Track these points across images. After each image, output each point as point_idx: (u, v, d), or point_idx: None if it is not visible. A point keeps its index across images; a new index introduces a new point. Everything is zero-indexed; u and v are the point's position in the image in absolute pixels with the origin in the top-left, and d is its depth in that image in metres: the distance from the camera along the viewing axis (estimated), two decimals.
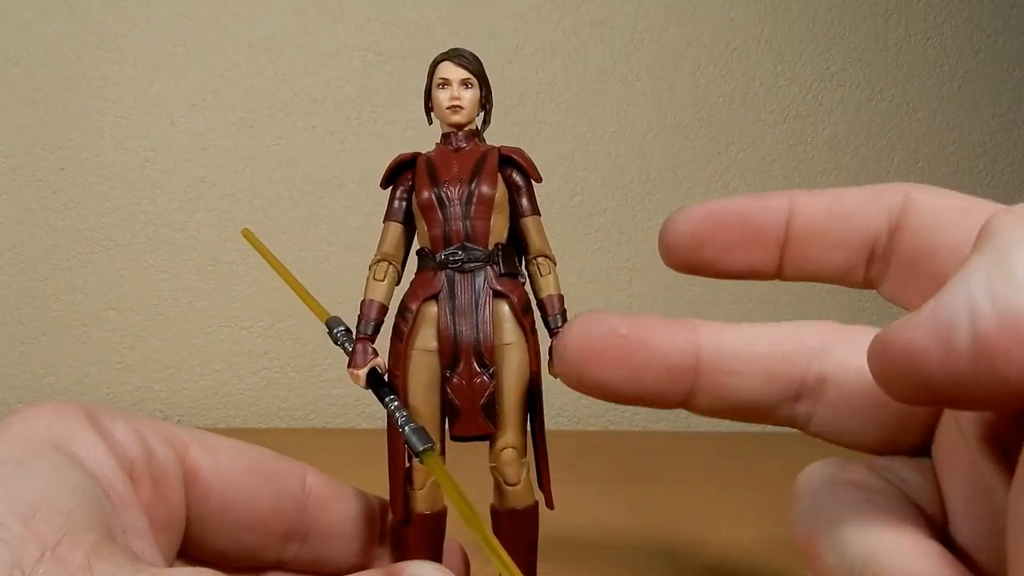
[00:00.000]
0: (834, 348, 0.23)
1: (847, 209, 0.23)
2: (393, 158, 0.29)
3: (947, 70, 0.78)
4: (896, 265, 0.23)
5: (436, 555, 0.27)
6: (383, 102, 0.70)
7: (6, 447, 0.21)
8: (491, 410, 0.26)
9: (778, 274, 0.25)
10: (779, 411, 0.24)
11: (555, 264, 0.28)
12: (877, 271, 0.23)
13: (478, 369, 0.26)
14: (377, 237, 0.29)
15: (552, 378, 0.27)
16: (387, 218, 0.28)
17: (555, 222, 0.73)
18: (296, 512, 0.27)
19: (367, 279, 0.28)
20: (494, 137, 0.30)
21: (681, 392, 0.23)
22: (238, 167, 0.69)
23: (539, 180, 0.28)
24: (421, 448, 0.24)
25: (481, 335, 0.26)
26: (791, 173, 0.76)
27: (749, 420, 0.24)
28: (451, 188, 0.27)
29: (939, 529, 0.21)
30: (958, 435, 0.21)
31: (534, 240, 0.28)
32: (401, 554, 0.28)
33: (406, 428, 0.25)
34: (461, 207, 0.27)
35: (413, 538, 0.27)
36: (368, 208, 0.70)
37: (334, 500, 0.28)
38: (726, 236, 0.24)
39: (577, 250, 0.73)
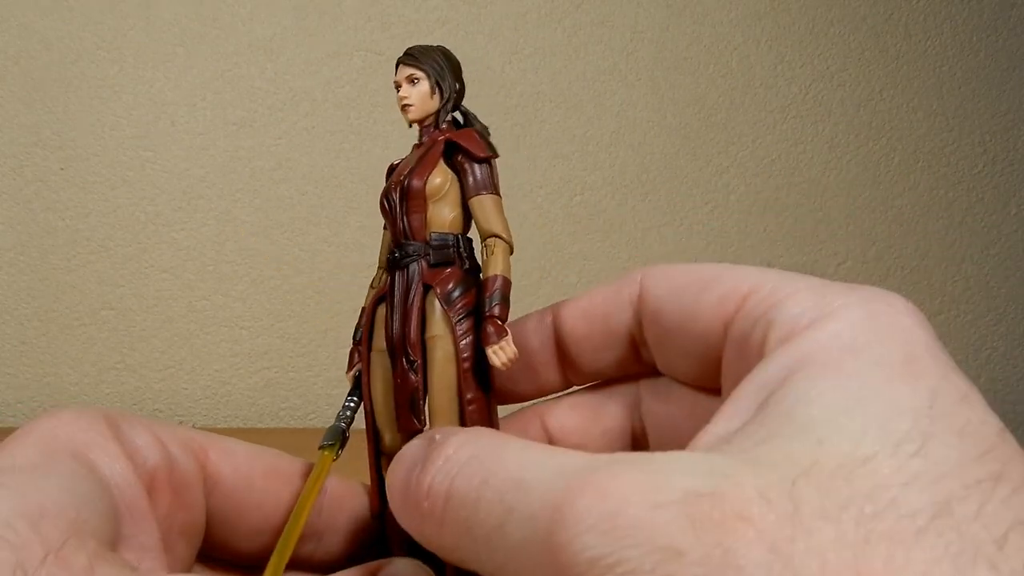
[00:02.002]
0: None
1: (599, 309, 0.24)
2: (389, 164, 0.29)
3: (947, 70, 0.78)
4: (652, 346, 0.24)
5: (422, 549, 0.27)
6: (383, 102, 0.70)
7: (24, 452, 0.21)
8: (415, 406, 0.26)
9: (570, 385, 0.26)
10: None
11: (508, 243, 0.26)
12: (647, 355, 0.24)
13: (405, 365, 0.26)
14: (376, 237, 0.29)
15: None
16: (384, 226, 0.29)
17: (555, 222, 0.73)
18: (314, 512, 0.27)
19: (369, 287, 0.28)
20: (493, 138, 0.29)
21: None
22: (238, 167, 0.69)
23: (484, 157, 0.26)
24: (320, 443, 0.26)
25: (406, 330, 0.26)
26: (791, 173, 0.76)
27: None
28: (394, 188, 0.27)
29: None
30: None
31: (480, 221, 0.26)
32: (388, 550, 0.28)
33: (333, 423, 0.26)
34: (399, 205, 0.27)
35: (394, 534, 0.27)
36: (368, 208, 0.69)
37: (349, 499, 0.28)
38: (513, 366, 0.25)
39: (577, 250, 0.73)
